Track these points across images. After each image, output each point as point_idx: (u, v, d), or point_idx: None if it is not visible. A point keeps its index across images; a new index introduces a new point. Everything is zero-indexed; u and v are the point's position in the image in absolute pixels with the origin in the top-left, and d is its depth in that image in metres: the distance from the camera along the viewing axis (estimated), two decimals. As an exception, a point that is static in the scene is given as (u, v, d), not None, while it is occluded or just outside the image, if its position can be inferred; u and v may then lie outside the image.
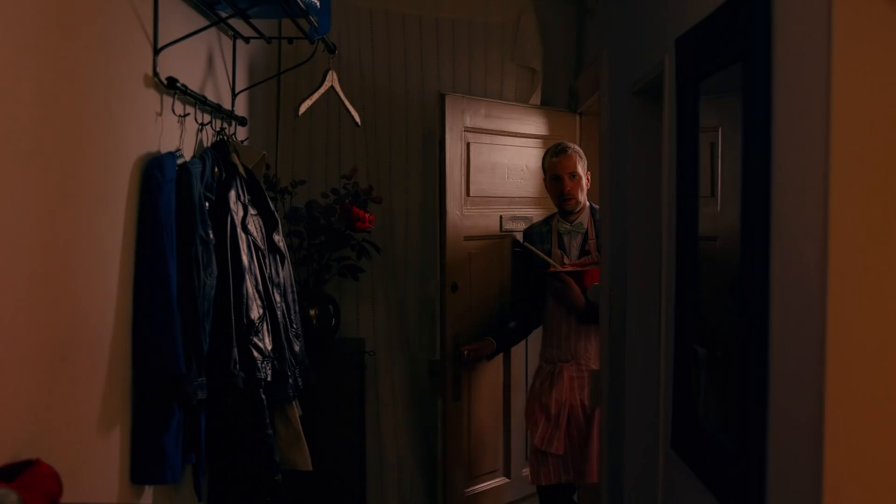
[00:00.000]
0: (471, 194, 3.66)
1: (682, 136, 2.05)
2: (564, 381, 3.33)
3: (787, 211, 1.46)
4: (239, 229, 2.44)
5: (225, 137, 2.56)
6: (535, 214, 3.84)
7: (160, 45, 2.12)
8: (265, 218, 2.68)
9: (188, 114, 2.32)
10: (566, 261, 3.40)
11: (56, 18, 1.61)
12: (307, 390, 2.77)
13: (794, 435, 1.42)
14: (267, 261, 2.65)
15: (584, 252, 3.43)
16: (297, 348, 2.72)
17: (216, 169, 2.41)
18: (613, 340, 3.11)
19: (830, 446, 1.30)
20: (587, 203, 3.46)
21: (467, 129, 3.64)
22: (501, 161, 3.81)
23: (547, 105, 4.10)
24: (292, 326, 2.74)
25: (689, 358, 2.03)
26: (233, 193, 2.44)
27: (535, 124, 3.91)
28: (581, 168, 3.39)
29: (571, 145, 3.44)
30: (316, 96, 3.04)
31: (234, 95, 2.86)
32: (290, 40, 2.90)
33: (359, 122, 3.33)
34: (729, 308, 1.79)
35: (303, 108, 2.97)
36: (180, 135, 2.29)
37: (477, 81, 3.95)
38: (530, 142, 3.91)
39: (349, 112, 3.32)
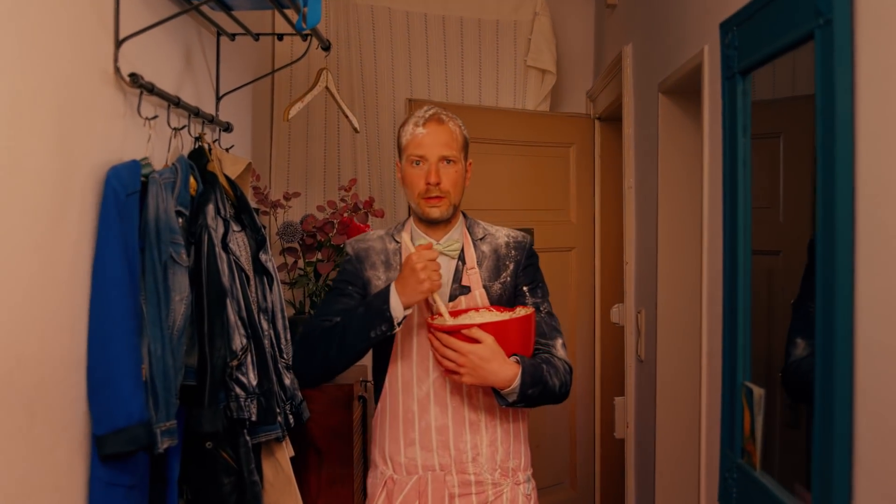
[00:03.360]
0: None
1: (732, 136, 1.75)
2: None
3: (877, 218, 1.16)
4: (218, 248, 2.14)
5: (204, 144, 2.27)
6: (531, 225, 3.52)
7: (122, 35, 1.83)
8: (251, 235, 2.39)
9: (156, 116, 2.02)
10: (433, 303, 1.88)
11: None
12: (299, 428, 2.46)
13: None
14: (252, 283, 2.36)
15: (461, 290, 1.98)
16: (287, 381, 2.42)
17: (192, 180, 2.11)
18: (641, 368, 2.80)
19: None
20: (461, 211, 2.06)
21: None
22: (495, 170, 3.51)
23: (564, 109, 3.81)
24: (282, 357, 2.44)
25: (742, 398, 1.72)
26: (210, 207, 2.14)
27: (534, 130, 3.60)
28: (461, 151, 1.98)
29: (449, 114, 2.00)
30: (308, 98, 2.74)
31: (217, 98, 2.57)
32: (280, 37, 2.60)
33: (357, 129, 3.04)
34: (795, 338, 1.49)
35: (292, 111, 2.68)
36: (148, 140, 1.99)
37: (487, 84, 3.66)
38: (530, 150, 3.60)
39: (347, 118, 3.04)
